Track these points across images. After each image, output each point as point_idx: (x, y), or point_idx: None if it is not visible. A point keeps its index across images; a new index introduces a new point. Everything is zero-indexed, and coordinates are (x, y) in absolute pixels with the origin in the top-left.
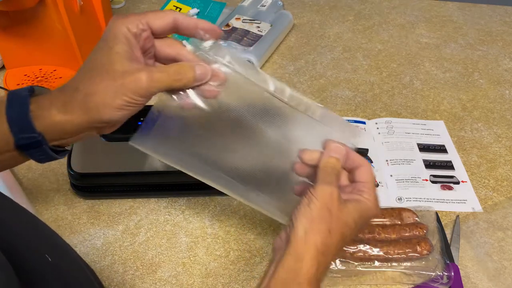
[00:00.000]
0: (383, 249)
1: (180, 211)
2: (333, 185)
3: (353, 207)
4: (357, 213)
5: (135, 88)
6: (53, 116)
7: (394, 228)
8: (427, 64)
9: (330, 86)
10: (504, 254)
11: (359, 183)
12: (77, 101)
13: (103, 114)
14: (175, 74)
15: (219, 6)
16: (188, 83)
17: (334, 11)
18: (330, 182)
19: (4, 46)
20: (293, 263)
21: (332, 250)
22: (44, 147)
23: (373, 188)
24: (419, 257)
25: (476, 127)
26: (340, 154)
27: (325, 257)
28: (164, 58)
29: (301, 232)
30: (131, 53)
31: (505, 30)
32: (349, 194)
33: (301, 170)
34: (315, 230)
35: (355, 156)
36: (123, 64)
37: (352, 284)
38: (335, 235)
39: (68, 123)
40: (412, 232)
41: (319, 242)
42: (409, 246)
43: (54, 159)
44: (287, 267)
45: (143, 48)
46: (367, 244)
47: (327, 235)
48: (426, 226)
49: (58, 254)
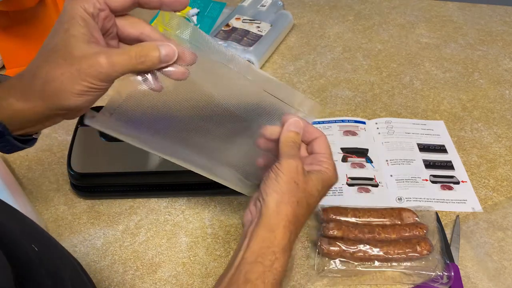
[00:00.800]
0: (383, 249)
1: (180, 211)
2: (297, 158)
3: (316, 178)
4: (320, 183)
5: (94, 73)
6: (13, 105)
7: (394, 228)
8: (427, 64)
9: (330, 86)
10: (504, 254)
11: (318, 154)
12: (35, 89)
13: (63, 100)
14: (137, 56)
15: (219, 6)
16: (153, 65)
17: (334, 11)
18: (294, 155)
19: (4, 46)
20: (267, 233)
21: (300, 220)
22: (7, 137)
23: (331, 158)
24: (419, 257)
25: (476, 127)
26: (298, 127)
27: (295, 226)
28: (128, 39)
29: (273, 204)
30: (89, 35)
31: (505, 30)
32: (310, 165)
33: (263, 145)
34: (285, 202)
35: (311, 129)
36: (80, 48)
37: (352, 284)
38: (302, 205)
39: (28, 111)
40: (412, 232)
41: (290, 213)
42: (409, 246)
43: (21, 148)
44: (261, 237)
45: (103, 29)
46: (367, 244)
47: (296, 206)
48: (426, 226)
49: (43, 244)
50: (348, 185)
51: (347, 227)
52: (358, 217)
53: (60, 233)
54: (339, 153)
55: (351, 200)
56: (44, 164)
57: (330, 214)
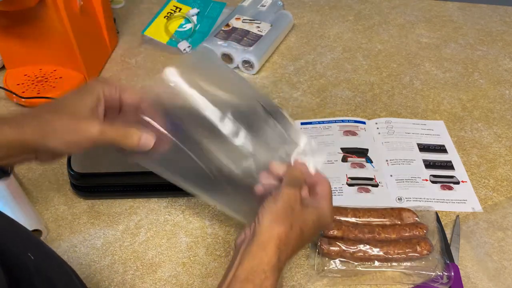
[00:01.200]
0: (383, 249)
1: (180, 211)
2: (297, 190)
3: (312, 211)
4: (315, 216)
5: (85, 133)
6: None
7: (394, 228)
8: (427, 64)
9: (330, 86)
10: (504, 254)
11: (319, 195)
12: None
13: (50, 141)
14: (122, 136)
15: (219, 6)
16: (131, 148)
17: (334, 11)
18: (294, 186)
19: (4, 46)
20: (259, 251)
21: (292, 242)
22: None
23: (330, 201)
24: (419, 257)
25: (476, 127)
26: (304, 170)
27: (286, 247)
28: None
29: (266, 223)
30: (95, 108)
31: (505, 30)
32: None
33: (266, 180)
34: (279, 222)
35: (317, 174)
36: (85, 113)
37: (352, 284)
38: (295, 229)
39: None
40: (412, 232)
41: (282, 232)
42: (409, 246)
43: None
44: (253, 255)
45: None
46: (367, 244)
47: (289, 228)
48: (426, 226)
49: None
50: (348, 185)
51: (347, 227)
52: (358, 217)
53: (60, 233)
54: (339, 153)
55: (351, 200)
56: (44, 164)
57: None
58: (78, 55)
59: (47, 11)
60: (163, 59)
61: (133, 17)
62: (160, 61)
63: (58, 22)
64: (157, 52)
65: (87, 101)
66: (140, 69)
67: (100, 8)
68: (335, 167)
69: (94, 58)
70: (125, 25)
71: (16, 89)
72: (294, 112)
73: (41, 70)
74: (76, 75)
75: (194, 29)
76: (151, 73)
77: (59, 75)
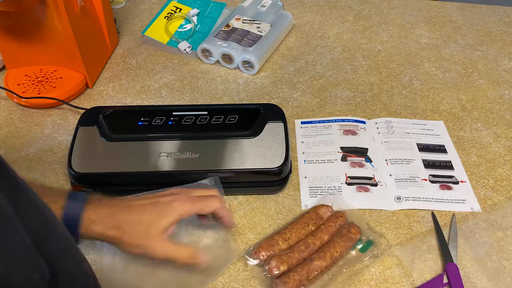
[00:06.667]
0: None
1: None
2: None
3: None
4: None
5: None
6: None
7: (321, 229)
8: (427, 64)
9: (330, 86)
10: (503, 254)
11: None
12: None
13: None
14: (188, 256)
15: (219, 7)
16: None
17: (334, 11)
18: None
19: (5, 46)
20: None
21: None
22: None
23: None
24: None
25: (476, 127)
26: None
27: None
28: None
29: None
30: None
31: (504, 30)
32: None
33: None
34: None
35: None
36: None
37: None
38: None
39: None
40: (337, 224)
41: None
42: (344, 238)
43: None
44: None
45: None
46: (312, 260)
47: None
48: (343, 211)
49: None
50: (347, 184)
51: (286, 255)
52: (287, 239)
53: None
54: (338, 152)
55: (350, 199)
56: (44, 164)
57: (262, 252)
58: (79, 55)
59: (48, 11)
60: (163, 59)
61: (133, 17)
62: (160, 61)
63: (58, 23)
64: (157, 52)
65: (164, 224)
66: (140, 69)
67: (101, 8)
68: (334, 166)
69: (95, 58)
70: (126, 25)
71: (16, 89)
72: (294, 112)
73: (41, 70)
74: (76, 75)
75: (194, 30)
76: (151, 73)
77: (60, 75)
